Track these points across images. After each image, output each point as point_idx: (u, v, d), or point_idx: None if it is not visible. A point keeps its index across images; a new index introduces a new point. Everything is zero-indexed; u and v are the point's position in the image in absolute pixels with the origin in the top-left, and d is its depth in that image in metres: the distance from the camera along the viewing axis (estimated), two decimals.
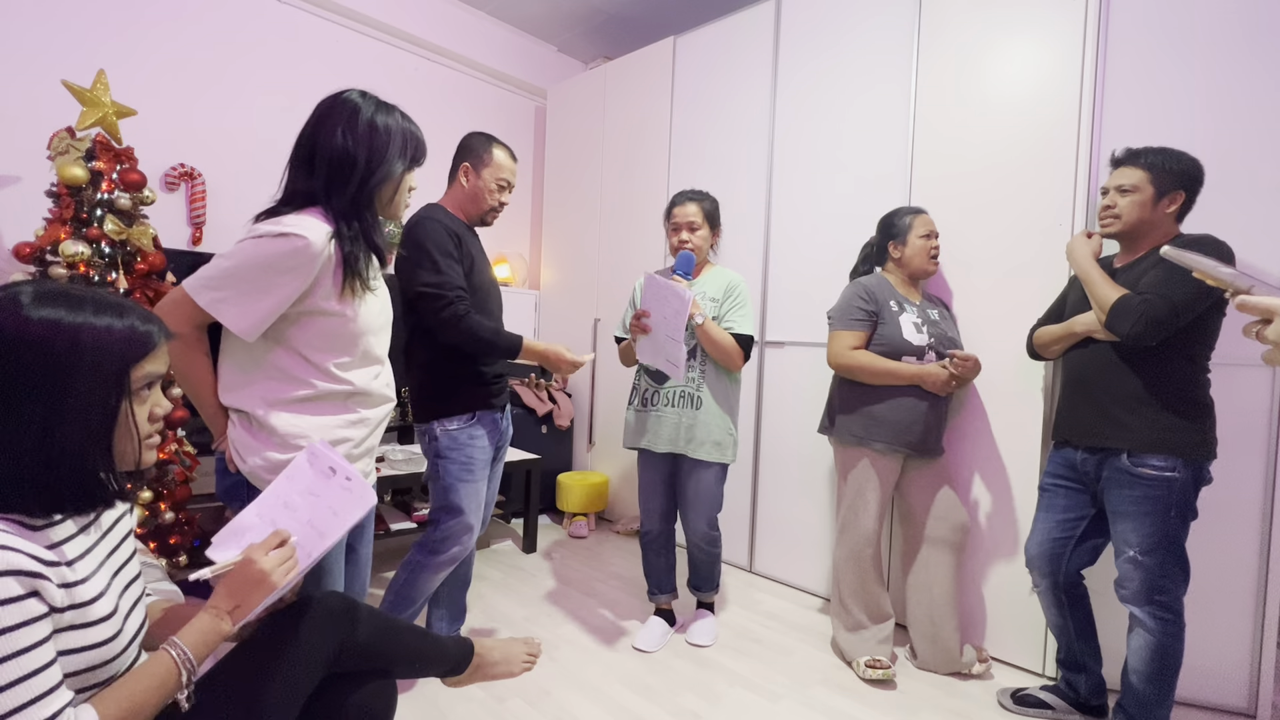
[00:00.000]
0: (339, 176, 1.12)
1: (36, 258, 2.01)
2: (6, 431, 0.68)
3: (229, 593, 0.84)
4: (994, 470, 2.08)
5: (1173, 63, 1.84)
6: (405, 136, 1.20)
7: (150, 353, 0.76)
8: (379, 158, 1.15)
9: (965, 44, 2.15)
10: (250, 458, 1.11)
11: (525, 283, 4.07)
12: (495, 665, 1.23)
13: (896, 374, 1.90)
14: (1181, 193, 1.54)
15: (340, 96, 1.17)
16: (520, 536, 3.03)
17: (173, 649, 0.78)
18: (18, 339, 0.68)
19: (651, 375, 2.08)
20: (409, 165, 1.22)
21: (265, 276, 1.05)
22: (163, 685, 0.76)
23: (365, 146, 1.14)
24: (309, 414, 1.14)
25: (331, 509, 0.96)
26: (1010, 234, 2.04)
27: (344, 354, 1.16)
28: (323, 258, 1.08)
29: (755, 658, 2.04)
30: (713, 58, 2.95)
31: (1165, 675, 1.50)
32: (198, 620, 0.82)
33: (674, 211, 2.08)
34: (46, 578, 0.67)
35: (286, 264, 1.05)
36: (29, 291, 0.71)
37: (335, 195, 1.12)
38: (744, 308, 2.01)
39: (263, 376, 1.12)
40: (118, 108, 2.15)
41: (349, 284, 1.12)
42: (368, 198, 1.15)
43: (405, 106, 1.24)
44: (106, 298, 0.75)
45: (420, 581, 1.73)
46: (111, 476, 0.75)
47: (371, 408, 1.24)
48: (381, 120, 1.16)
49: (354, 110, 1.14)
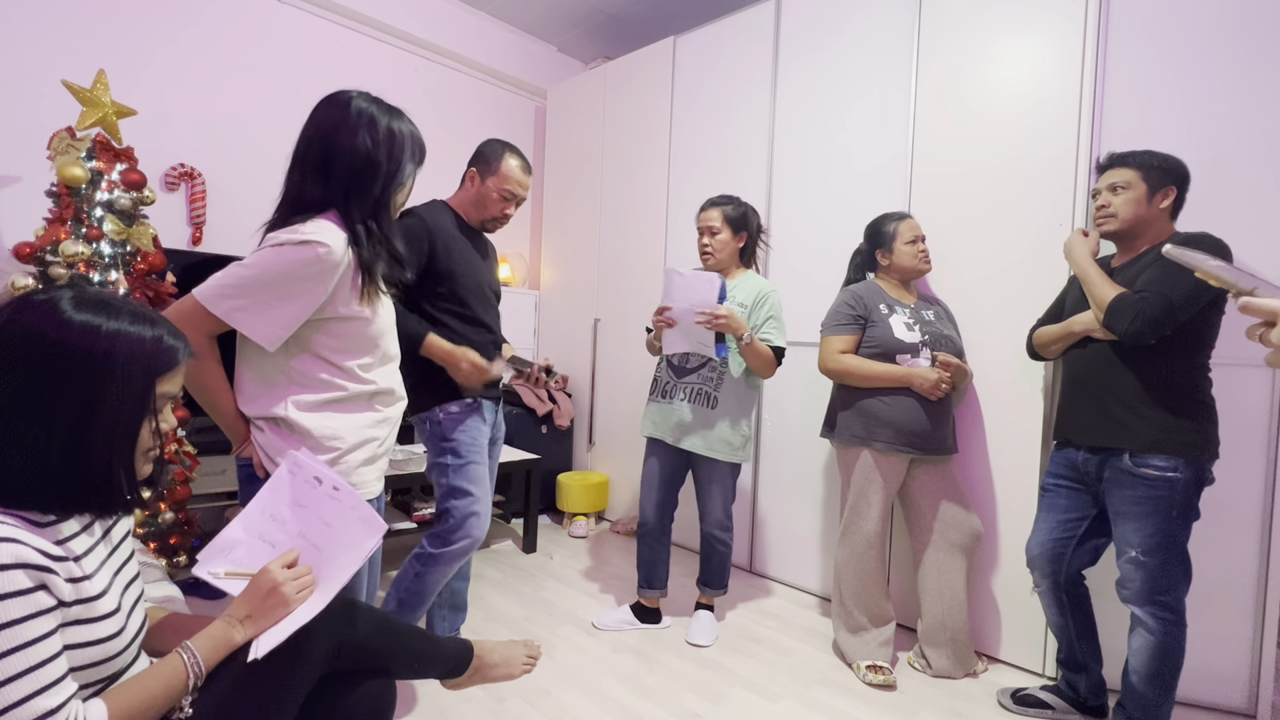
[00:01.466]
0: (362, 183, 1.13)
1: (36, 258, 2.02)
2: (38, 431, 0.69)
3: (243, 603, 0.87)
4: (994, 470, 2.08)
5: (1173, 62, 1.84)
6: (414, 140, 1.21)
7: (174, 369, 0.78)
8: (398, 163, 1.17)
9: (965, 44, 2.15)
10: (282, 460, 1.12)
11: (525, 283, 4.07)
12: (495, 667, 1.22)
13: (884, 376, 1.90)
14: (1173, 188, 1.55)
15: (347, 102, 1.15)
16: (520, 536, 3.03)
17: (185, 653, 0.80)
18: (57, 342, 0.69)
19: (672, 368, 2.13)
20: (416, 168, 1.24)
21: (287, 285, 1.05)
22: (171, 687, 0.78)
23: (386, 153, 1.14)
24: (339, 415, 1.15)
25: (323, 520, 0.95)
26: (1009, 233, 2.04)
27: (366, 355, 1.18)
28: (344, 264, 1.09)
29: (755, 658, 2.04)
30: (713, 58, 2.95)
31: (1166, 675, 1.50)
32: (212, 627, 0.85)
33: (698, 215, 2.14)
34: (54, 572, 0.68)
35: (308, 271, 1.05)
36: (69, 296, 0.72)
37: (357, 201, 1.13)
38: (776, 319, 2.04)
39: (286, 382, 1.12)
40: (118, 108, 2.15)
41: (368, 289, 1.13)
42: (386, 202, 1.17)
43: (405, 106, 1.24)
44: (140, 308, 0.77)
45: (431, 576, 1.71)
46: (130, 485, 0.76)
47: (391, 405, 1.26)
48: (397, 126, 1.17)
49: (371, 117, 1.14)
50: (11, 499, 0.69)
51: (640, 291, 3.22)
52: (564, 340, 3.72)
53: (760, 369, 2.01)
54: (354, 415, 1.17)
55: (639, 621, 2.21)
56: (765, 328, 2.02)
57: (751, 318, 2.02)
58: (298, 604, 0.88)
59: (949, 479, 1.98)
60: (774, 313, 2.04)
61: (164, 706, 0.77)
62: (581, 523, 3.21)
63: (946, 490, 1.97)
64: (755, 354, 1.97)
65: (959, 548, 1.94)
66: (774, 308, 2.04)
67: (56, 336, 0.69)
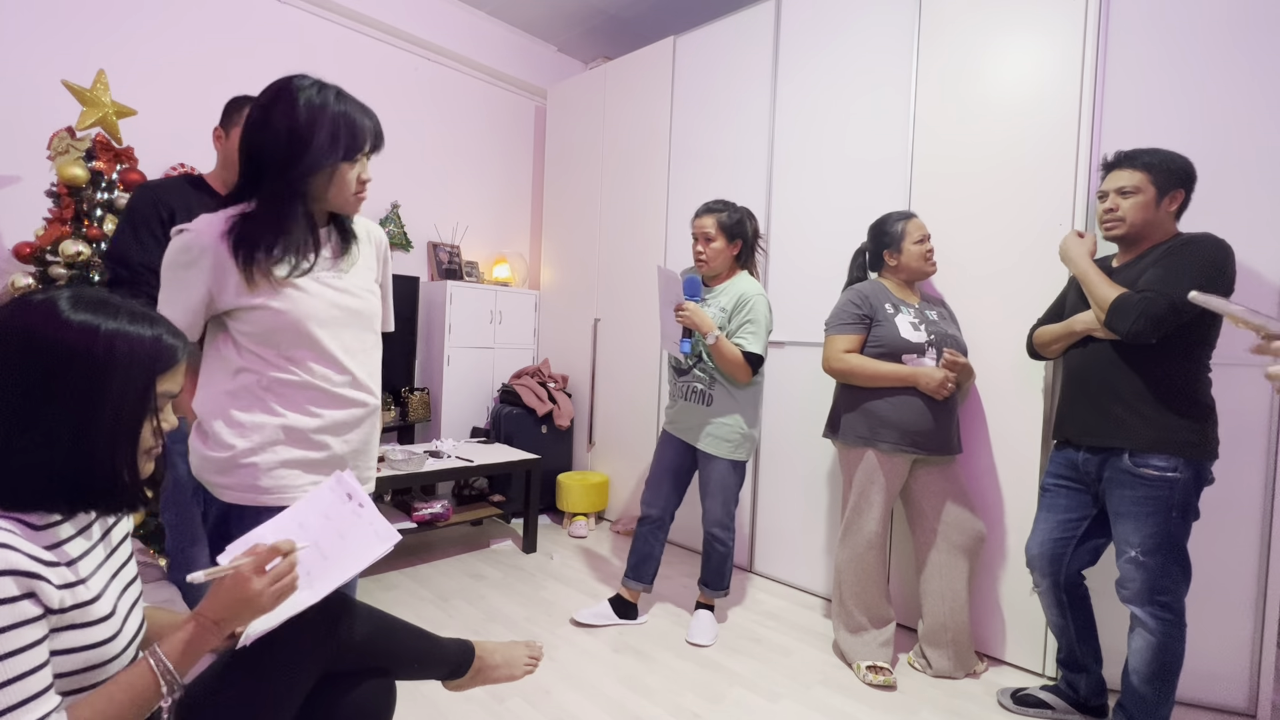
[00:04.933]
0: (261, 169, 1.05)
1: (36, 257, 2.02)
2: (41, 431, 0.68)
3: (216, 604, 0.81)
4: (994, 470, 2.08)
5: (1172, 62, 1.84)
6: (337, 122, 1.06)
7: (174, 366, 0.78)
8: (300, 145, 1.04)
9: (965, 43, 2.15)
10: (195, 461, 1.09)
11: (525, 283, 4.07)
12: (497, 668, 1.22)
13: (890, 376, 1.89)
14: (1181, 191, 1.54)
15: (277, 82, 1.07)
16: (520, 536, 3.03)
17: (151, 658, 0.76)
18: (56, 342, 0.69)
19: (673, 367, 2.19)
20: (344, 155, 1.08)
21: (176, 274, 1.05)
22: (140, 695, 0.74)
23: (285, 133, 1.03)
24: (254, 410, 1.07)
25: (339, 533, 0.96)
26: (1010, 233, 2.04)
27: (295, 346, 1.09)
28: (215, 251, 1.03)
29: (755, 658, 2.04)
30: (713, 58, 2.95)
31: (1166, 675, 1.50)
32: (182, 630, 0.80)
33: (693, 223, 2.13)
34: (45, 578, 0.67)
35: (181, 259, 1.04)
36: (66, 296, 0.72)
37: (262, 184, 1.06)
38: (754, 324, 2.02)
39: (218, 374, 1.10)
40: (118, 108, 2.15)
41: (246, 273, 1.04)
42: (290, 190, 1.05)
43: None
44: (138, 308, 0.76)
45: None
46: (135, 482, 0.76)
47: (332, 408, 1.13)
48: (305, 102, 1.04)
49: (276, 96, 1.05)
50: (15, 500, 0.69)
51: (640, 291, 3.22)
52: (564, 340, 3.72)
53: (731, 371, 2.01)
54: (270, 414, 1.08)
55: (616, 616, 2.21)
56: (741, 332, 2.02)
57: (731, 321, 2.03)
58: (273, 606, 0.84)
59: (952, 480, 1.98)
60: (753, 317, 2.02)
61: (134, 713, 0.73)
62: (581, 523, 3.21)
63: (950, 491, 1.96)
64: (722, 355, 1.98)
65: (962, 549, 1.93)
66: (754, 313, 2.03)
67: (55, 337, 0.69)
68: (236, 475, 1.06)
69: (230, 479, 1.07)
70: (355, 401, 1.16)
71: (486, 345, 3.62)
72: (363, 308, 1.19)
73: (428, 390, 3.46)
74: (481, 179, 3.93)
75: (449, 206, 3.75)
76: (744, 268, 2.16)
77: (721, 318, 2.03)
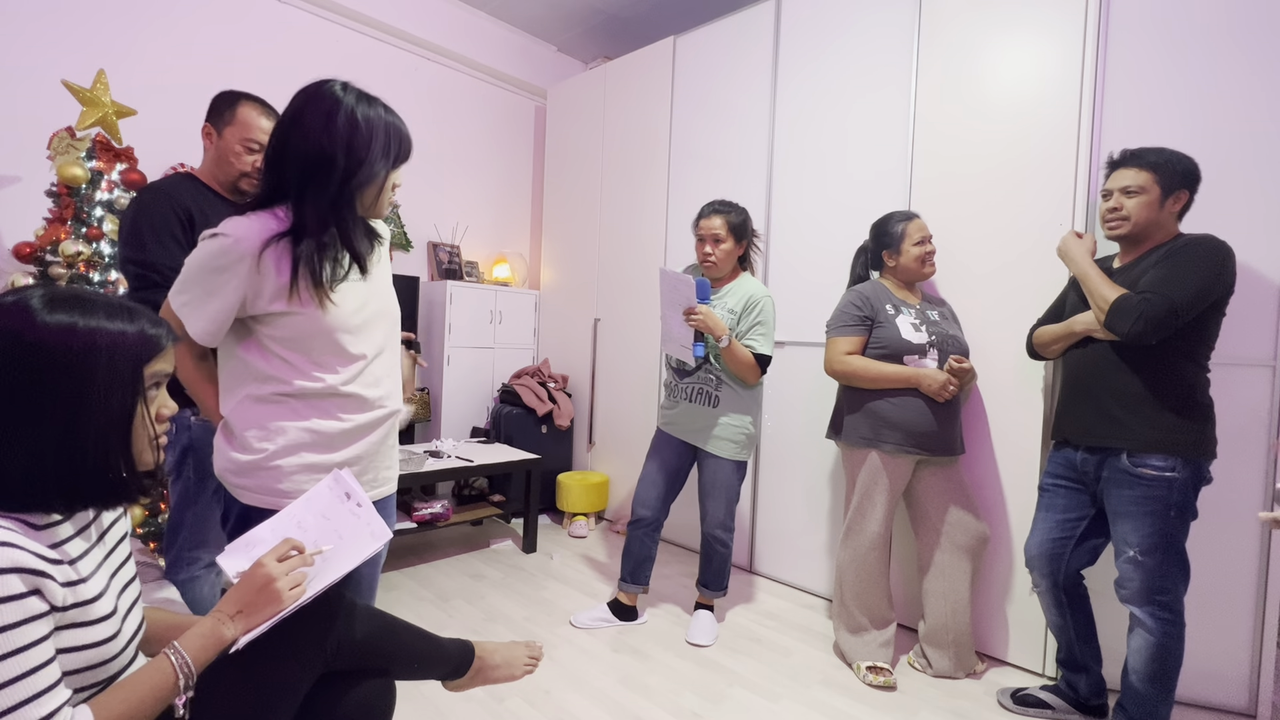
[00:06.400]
0: (315, 177, 1.03)
1: (36, 258, 2.02)
2: (29, 432, 0.68)
3: (235, 598, 0.84)
4: (994, 470, 2.08)
5: (1172, 62, 1.84)
6: (389, 132, 1.08)
7: (159, 355, 0.77)
8: (359, 157, 1.05)
9: (965, 43, 2.15)
10: (218, 460, 1.10)
11: (525, 283, 4.07)
12: (497, 668, 1.21)
13: (892, 377, 1.89)
14: (1186, 192, 1.54)
15: (320, 88, 1.06)
16: (520, 536, 3.03)
17: (173, 654, 0.78)
18: (34, 344, 0.68)
19: (674, 369, 2.15)
20: (393, 164, 1.11)
21: (207, 278, 1.03)
22: (160, 689, 0.76)
23: (344, 145, 1.03)
24: (282, 416, 1.08)
25: (338, 533, 0.97)
26: (1010, 233, 2.04)
27: (324, 352, 1.09)
28: (254, 257, 1.02)
29: (755, 658, 2.04)
30: (713, 58, 2.95)
31: (1165, 675, 1.50)
32: (200, 625, 0.82)
33: (699, 224, 2.10)
34: (50, 576, 0.67)
35: (218, 263, 1.02)
36: (39, 296, 0.71)
37: (311, 196, 1.04)
38: (764, 325, 2.03)
39: (244, 377, 1.10)
40: (118, 108, 2.15)
41: (295, 286, 1.03)
42: (348, 199, 1.07)
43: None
44: (116, 301, 0.76)
45: None
46: (131, 475, 0.76)
47: (363, 413, 1.15)
48: (363, 115, 1.05)
49: (333, 105, 1.04)
50: (12, 501, 0.69)
51: (640, 292, 3.22)
52: (564, 340, 3.72)
53: (741, 373, 2.01)
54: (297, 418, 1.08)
55: (615, 619, 2.20)
56: (751, 334, 2.02)
57: (740, 323, 2.02)
58: (291, 601, 0.86)
59: (956, 481, 1.98)
60: (762, 319, 2.03)
61: (154, 709, 0.75)
62: (581, 523, 3.21)
63: (953, 493, 1.96)
64: (734, 357, 1.97)
65: (965, 550, 1.93)
66: (763, 314, 2.03)
67: (32, 338, 0.68)
68: (258, 478, 1.08)
69: (251, 480, 1.08)
70: (378, 404, 1.18)
71: (486, 345, 3.62)
72: (389, 308, 1.22)
73: (428, 390, 3.46)
74: (481, 179, 3.93)
75: (449, 206, 3.75)
76: (744, 268, 2.16)
77: (730, 319, 2.02)
